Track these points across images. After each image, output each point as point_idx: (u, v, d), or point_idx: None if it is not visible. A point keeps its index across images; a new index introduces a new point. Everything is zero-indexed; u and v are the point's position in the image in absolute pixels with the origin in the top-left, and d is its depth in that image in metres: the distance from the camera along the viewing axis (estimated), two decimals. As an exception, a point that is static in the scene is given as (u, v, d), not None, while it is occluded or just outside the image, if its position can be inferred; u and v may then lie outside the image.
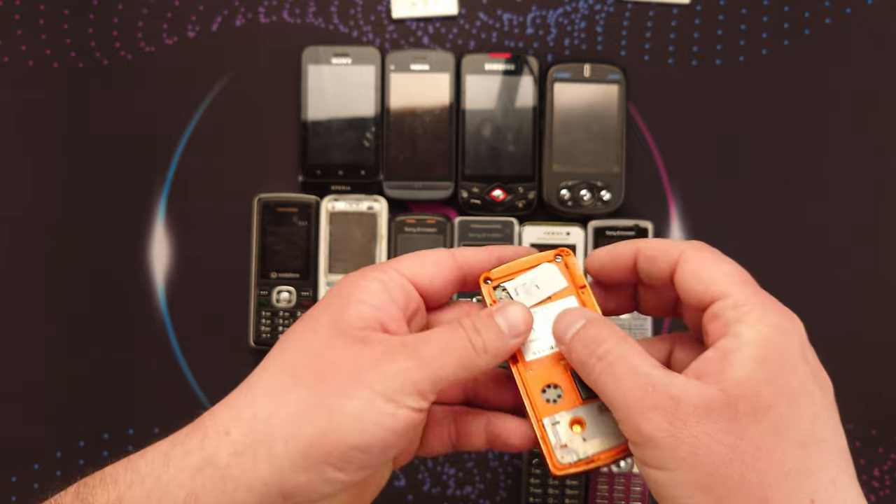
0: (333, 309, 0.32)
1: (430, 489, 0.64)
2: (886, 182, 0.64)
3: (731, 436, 0.27)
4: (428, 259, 0.34)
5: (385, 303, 0.32)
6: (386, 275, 0.33)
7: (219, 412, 0.30)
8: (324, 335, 0.31)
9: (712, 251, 0.32)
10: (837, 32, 0.64)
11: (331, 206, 0.63)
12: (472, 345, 0.32)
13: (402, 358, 0.30)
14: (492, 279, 0.35)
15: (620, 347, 0.30)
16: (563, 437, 0.33)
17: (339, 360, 0.30)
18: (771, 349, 0.28)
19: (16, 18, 0.64)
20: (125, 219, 0.64)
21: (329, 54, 0.63)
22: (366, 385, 0.29)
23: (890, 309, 0.64)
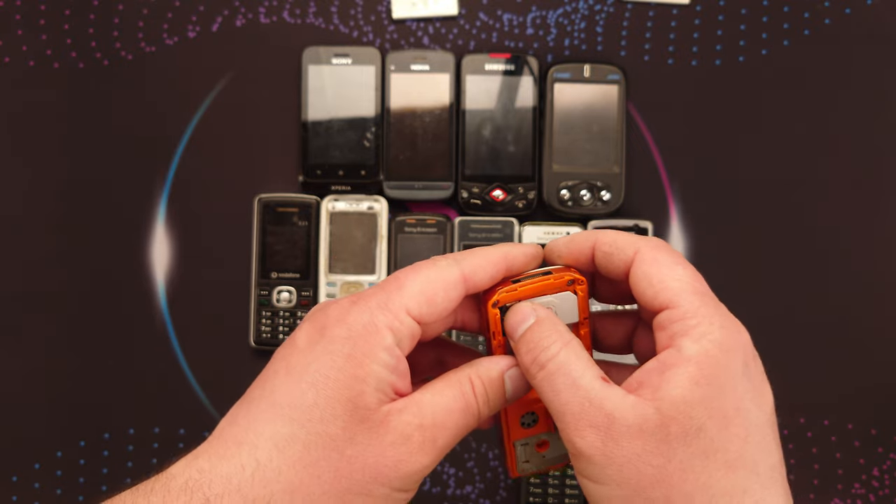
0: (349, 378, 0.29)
1: (430, 489, 0.64)
2: (886, 182, 0.64)
3: (660, 457, 0.27)
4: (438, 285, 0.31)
5: (397, 361, 0.30)
6: (396, 320, 0.30)
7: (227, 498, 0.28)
8: (343, 422, 0.29)
9: (669, 252, 0.31)
10: (837, 32, 0.64)
11: (331, 206, 0.63)
12: (480, 415, 0.31)
13: (422, 456, 0.30)
14: (500, 302, 0.33)
15: (563, 355, 0.29)
16: (528, 455, 0.35)
17: (360, 458, 0.29)
18: (709, 369, 0.28)
19: (16, 18, 0.64)
20: (125, 219, 0.64)
21: (329, 54, 0.63)
22: (386, 484, 0.29)
23: (890, 309, 0.64)
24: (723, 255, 0.64)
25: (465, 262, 0.32)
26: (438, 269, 0.31)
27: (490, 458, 0.64)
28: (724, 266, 0.64)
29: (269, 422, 0.29)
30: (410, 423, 0.29)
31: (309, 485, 0.28)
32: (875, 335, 0.64)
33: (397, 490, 0.29)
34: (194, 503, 0.27)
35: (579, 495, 0.62)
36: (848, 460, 0.63)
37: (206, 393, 0.64)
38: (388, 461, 0.29)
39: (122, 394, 0.64)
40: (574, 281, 0.33)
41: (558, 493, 0.61)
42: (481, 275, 0.32)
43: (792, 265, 0.64)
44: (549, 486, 0.61)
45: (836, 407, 0.63)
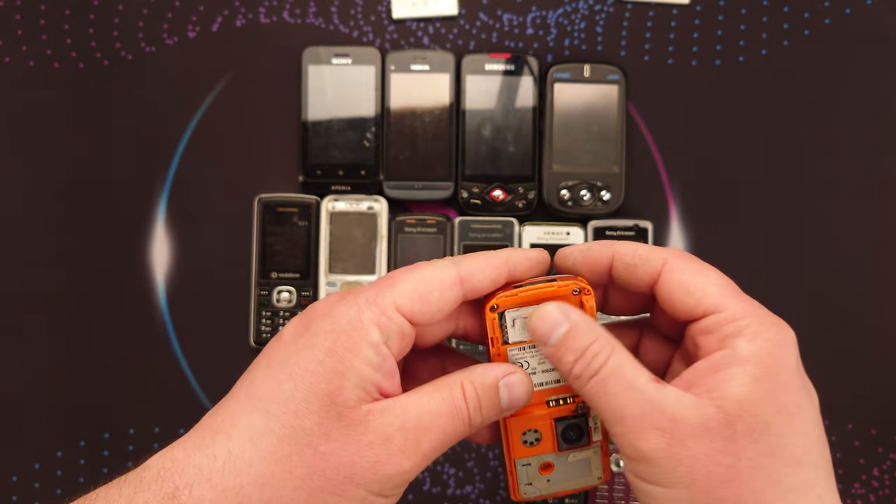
0: (329, 374, 0.28)
1: (431, 488, 0.64)
2: (887, 182, 0.64)
3: (728, 456, 0.27)
4: (432, 285, 0.30)
5: (383, 359, 0.29)
6: (384, 317, 0.29)
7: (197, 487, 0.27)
8: (319, 417, 0.28)
9: (697, 260, 0.31)
10: (837, 33, 0.64)
11: (331, 206, 0.63)
12: (471, 422, 0.30)
13: (402, 459, 0.29)
14: (498, 306, 0.32)
15: (614, 359, 0.29)
16: (530, 477, 0.34)
17: (335, 456, 0.28)
18: (769, 366, 0.28)
19: (16, 18, 0.64)
20: (125, 219, 0.64)
21: (329, 54, 0.63)
22: (362, 486, 0.28)
23: (890, 309, 0.64)
24: (723, 255, 0.64)
25: (464, 264, 0.31)
26: (434, 268, 0.31)
27: (490, 458, 0.64)
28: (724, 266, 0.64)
29: (246, 413, 0.28)
30: (392, 423, 0.29)
31: (279, 479, 0.28)
32: (875, 335, 0.64)
33: (374, 494, 0.28)
34: (164, 492, 0.27)
35: (579, 495, 0.62)
36: (848, 460, 0.63)
37: (206, 393, 0.64)
38: (365, 461, 0.28)
39: (122, 394, 0.64)
40: (581, 290, 0.32)
41: (558, 493, 0.61)
42: (479, 277, 0.31)
43: (792, 265, 0.64)
44: (549, 486, 0.61)
45: (837, 407, 0.63)
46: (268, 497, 0.27)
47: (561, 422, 0.33)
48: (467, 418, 0.30)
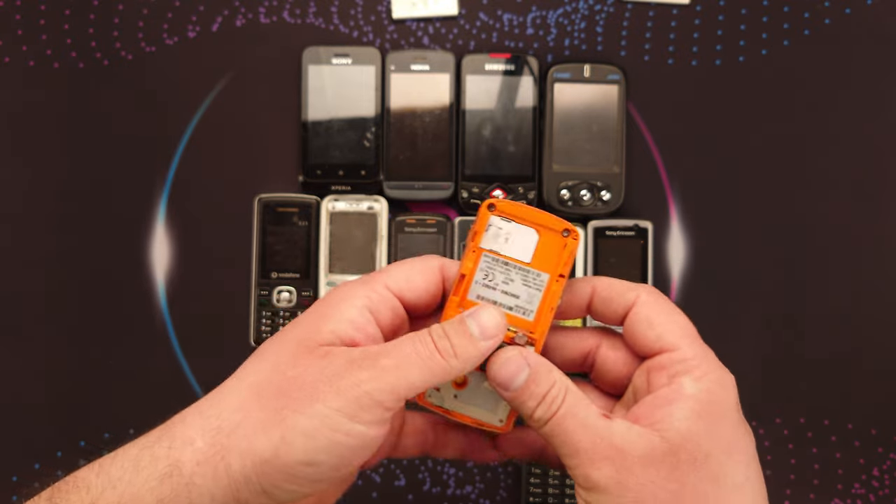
0: (309, 324, 0.32)
1: (431, 489, 0.64)
2: (886, 182, 0.64)
3: (673, 482, 0.29)
4: (417, 270, 0.34)
5: (366, 321, 0.32)
6: (374, 291, 0.33)
7: (190, 419, 0.31)
8: (291, 351, 0.32)
9: (666, 300, 0.34)
10: (837, 33, 0.64)
11: (331, 206, 0.63)
12: (440, 350, 0.31)
13: (359, 370, 0.30)
14: (496, 207, 0.34)
15: (569, 401, 0.31)
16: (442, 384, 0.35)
17: (299, 377, 0.30)
18: (710, 402, 0.31)
19: (16, 18, 0.64)
20: (125, 218, 0.64)
21: (329, 54, 0.63)
22: (321, 401, 0.30)
23: (890, 308, 0.64)
24: (723, 255, 0.64)
25: (442, 259, 0.35)
26: (419, 259, 0.35)
27: (490, 458, 0.64)
28: (723, 266, 0.64)
29: (244, 364, 0.33)
30: (356, 351, 0.31)
31: (251, 402, 0.31)
32: (875, 335, 0.64)
33: (337, 412, 0.29)
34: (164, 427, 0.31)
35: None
36: (848, 460, 0.63)
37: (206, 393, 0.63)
38: (324, 376, 0.30)
39: (122, 394, 0.64)
40: (570, 232, 0.34)
41: (558, 492, 0.61)
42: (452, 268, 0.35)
43: (792, 265, 0.64)
44: (550, 486, 0.61)
45: (836, 407, 0.63)
46: (240, 418, 0.30)
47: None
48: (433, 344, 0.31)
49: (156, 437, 0.31)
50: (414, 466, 0.64)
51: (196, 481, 0.29)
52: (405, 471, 0.64)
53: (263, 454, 0.29)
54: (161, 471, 0.29)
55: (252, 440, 0.30)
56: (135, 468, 0.30)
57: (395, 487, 0.64)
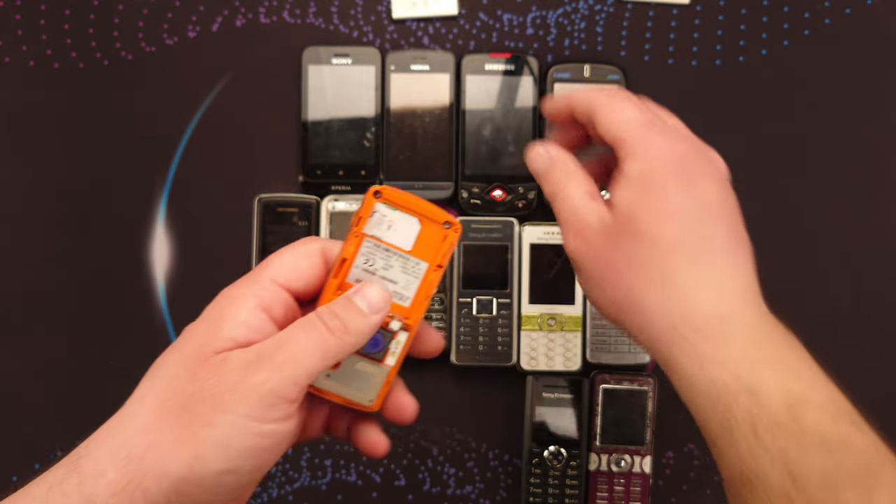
0: (202, 332, 0.33)
1: (431, 488, 0.64)
2: (886, 182, 0.64)
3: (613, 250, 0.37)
4: (300, 256, 0.35)
5: (260, 322, 0.33)
6: (262, 289, 0.33)
7: (95, 450, 0.31)
8: (189, 363, 0.32)
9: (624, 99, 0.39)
10: (837, 33, 0.64)
11: (331, 206, 0.63)
12: (332, 330, 0.32)
13: (257, 371, 0.30)
14: (381, 194, 0.36)
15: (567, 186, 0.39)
16: None
17: (201, 390, 0.31)
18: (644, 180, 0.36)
19: (16, 18, 0.64)
20: (125, 219, 0.64)
21: (329, 54, 0.63)
22: (228, 409, 0.30)
23: (890, 308, 0.64)
24: (723, 255, 0.64)
25: (323, 240, 0.36)
26: (299, 244, 0.36)
27: (490, 457, 0.64)
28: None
29: (141, 385, 0.34)
30: (250, 351, 0.31)
31: (158, 423, 0.31)
32: (875, 335, 0.64)
33: (245, 417, 0.30)
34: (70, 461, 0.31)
35: (579, 495, 0.62)
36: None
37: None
38: (225, 386, 0.30)
39: (122, 394, 0.64)
40: (451, 225, 0.36)
41: (558, 492, 0.61)
42: (336, 250, 0.36)
43: (791, 265, 0.64)
44: (549, 486, 0.62)
45: (836, 407, 0.63)
46: (149, 441, 0.30)
47: None
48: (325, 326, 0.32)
49: (63, 473, 0.31)
50: (414, 466, 0.64)
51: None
52: (405, 471, 0.64)
53: (179, 473, 0.29)
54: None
55: (165, 462, 0.30)
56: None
57: (395, 487, 0.64)
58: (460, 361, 0.62)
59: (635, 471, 0.61)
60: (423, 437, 0.64)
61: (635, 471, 0.61)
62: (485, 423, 0.64)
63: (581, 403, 0.62)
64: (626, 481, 0.61)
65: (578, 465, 0.61)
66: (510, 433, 0.64)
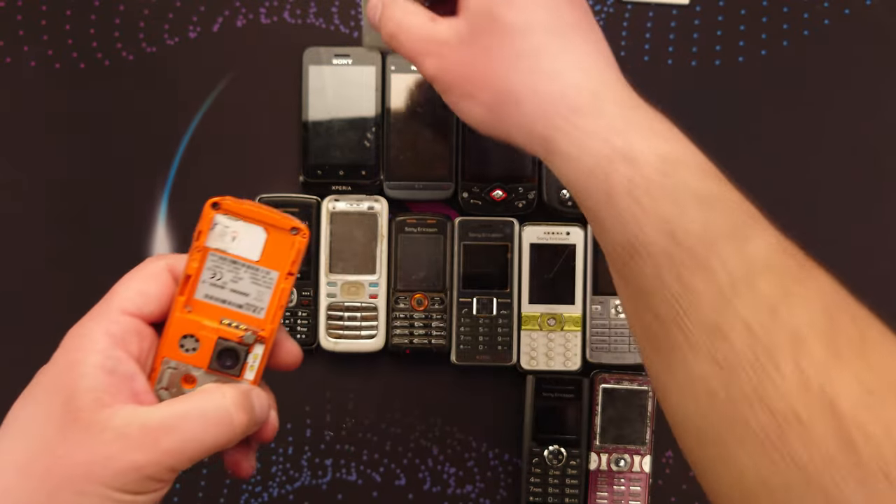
0: (64, 384, 0.31)
1: (431, 488, 0.64)
2: (886, 182, 0.64)
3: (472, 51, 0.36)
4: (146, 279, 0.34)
5: (116, 362, 0.31)
6: (113, 323, 0.32)
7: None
8: (56, 424, 0.30)
9: None
10: (837, 33, 0.64)
11: (331, 206, 0.63)
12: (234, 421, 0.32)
13: (136, 454, 0.29)
14: (220, 205, 0.35)
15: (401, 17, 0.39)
16: (170, 382, 0.34)
17: (71, 455, 0.29)
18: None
19: (18, 19, 0.64)
20: (125, 219, 0.64)
21: (330, 55, 0.63)
22: (99, 482, 0.29)
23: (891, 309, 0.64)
24: (723, 254, 0.64)
25: (168, 257, 0.36)
26: (143, 267, 0.35)
27: (490, 457, 0.64)
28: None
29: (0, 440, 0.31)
30: (132, 423, 0.30)
31: (18, 485, 0.29)
32: (875, 335, 0.64)
33: (117, 490, 0.29)
34: None
35: (579, 495, 0.62)
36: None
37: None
38: (98, 457, 0.29)
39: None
40: (298, 231, 0.35)
41: (558, 492, 0.61)
42: (181, 265, 0.35)
43: (792, 265, 0.64)
44: (549, 486, 0.61)
45: (837, 407, 0.63)
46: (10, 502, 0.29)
47: (223, 343, 0.34)
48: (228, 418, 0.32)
49: None
50: (414, 466, 0.64)
51: None
52: (405, 471, 0.64)
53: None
54: None
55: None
56: None
57: (395, 487, 0.64)
58: (460, 361, 0.62)
59: (635, 470, 0.61)
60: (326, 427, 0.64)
61: (635, 470, 0.61)
62: (485, 423, 0.64)
63: (581, 403, 0.62)
64: (625, 481, 0.61)
65: (578, 464, 0.61)
66: (510, 433, 0.64)
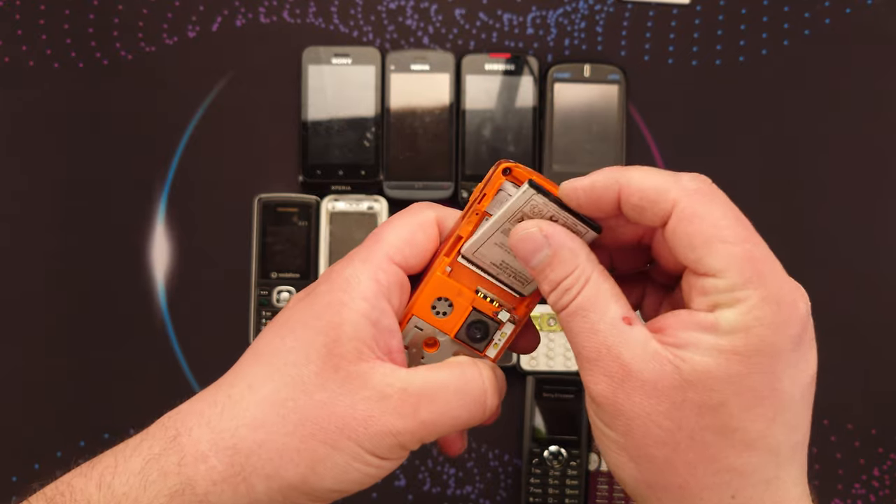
0: (328, 325, 0.29)
1: (431, 489, 0.64)
2: (887, 182, 0.64)
3: (669, 421, 0.26)
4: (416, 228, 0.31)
5: (382, 314, 0.30)
6: (381, 271, 0.30)
7: (195, 430, 0.29)
8: (316, 367, 0.29)
9: (713, 202, 0.28)
10: (837, 32, 0.64)
11: (331, 206, 0.63)
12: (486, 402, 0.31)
13: (396, 419, 0.29)
14: (512, 171, 0.30)
15: (582, 296, 0.27)
16: (410, 340, 0.32)
17: (329, 405, 0.29)
18: (748, 348, 0.25)
19: (16, 18, 0.64)
20: (125, 219, 0.64)
21: (329, 54, 0.63)
22: (353, 439, 0.29)
23: (890, 309, 0.64)
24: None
25: (438, 208, 0.33)
26: (412, 213, 0.32)
27: (490, 458, 0.64)
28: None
29: (249, 366, 0.30)
30: (392, 385, 0.29)
31: (273, 423, 0.28)
32: (875, 336, 0.64)
33: (367, 452, 0.29)
34: (167, 436, 0.29)
35: (579, 495, 0.62)
36: (848, 460, 0.63)
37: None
38: (358, 414, 0.29)
39: (122, 394, 0.64)
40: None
41: (558, 493, 0.61)
42: (451, 221, 0.32)
43: (791, 265, 0.64)
44: (549, 486, 0.61)
45: (837, 407, 0.63)
46: (261, 439, 0.28)
47: (477, 314, 0.32)
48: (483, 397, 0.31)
49: (160, 448, 0.29)
50: (414, 466, 0.64)
51: (210, 500, 0.28)
52: (405, 471, 0.64)
53: (291, 481, 0.28)
54: (171, 488, 0.28)
55: (278, 466, 0.28)
56: (142, 484, 0.29)
57: (394, 487, 0.64)
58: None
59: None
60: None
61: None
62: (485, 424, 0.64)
63: (581, 403, 0.62)
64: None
65: (578, 465, 0.61)
66: (510, 433, 0.64)
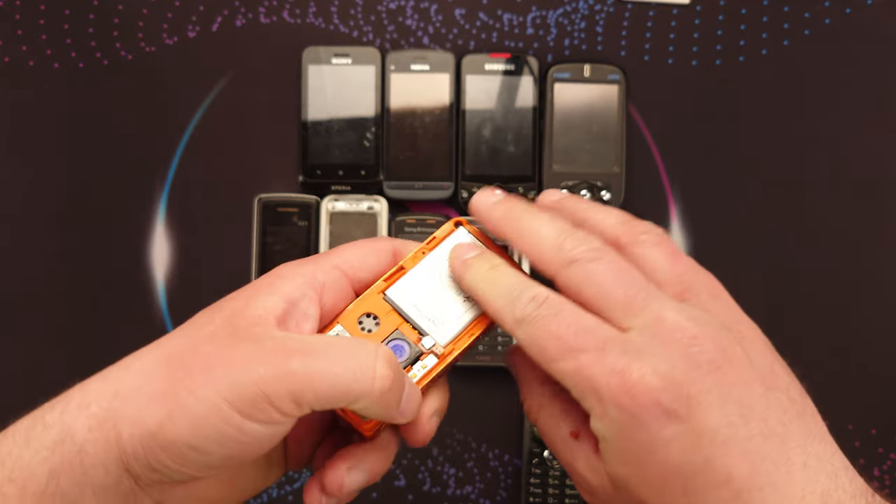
0: (242, 298, 0.30)
1: (431, 489, 0.64)
2: (887, 182, 0.64)
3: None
4: (372, 251, 0.33)
5: (304, 298, 0.29)
6: (320, 271, 0.31)
7: (91, 383, 0.29)
8: (216, 326, 0.29)
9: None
10: (837, 32, 0.64)
11: (331, 206, 0.63)
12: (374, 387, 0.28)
13: (261, 364, 0.27)
14: (463, 225, 0.34)
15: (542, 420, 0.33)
16: None
17: (207, 355, 0.27)
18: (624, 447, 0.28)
19: (16, 18, 0.64)
20: (125, 219, 0.64)
21: (329, 54, 0.63)
22: (213, 386, 0.26)
23: (890, 308, 0.64)
24: (723, 255, 0.64)
25: (397, 241, 0.34)
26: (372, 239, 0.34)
27: (490, 458, 0.64)
28: (723, 266, 0.64)
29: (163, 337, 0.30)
30: (275, 337, 0.28)
31: (153, 371, 0.28)
32: (875, 335, 0.64)
33: (226, 402, 0.26)
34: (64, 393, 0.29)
35: (579, 495, 0.62)
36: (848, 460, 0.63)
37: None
38: (227, 360, 0.27)
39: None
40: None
41: (558, 493, 0.61)
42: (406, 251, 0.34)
43: (792, 265, 0.64)
44: (549, 486, 0.61)
45: (836, 407, 0.63)
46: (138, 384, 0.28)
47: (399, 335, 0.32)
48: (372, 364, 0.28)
49: (51, 404, 0.28)
50: (414, 466, 0.64)
51: (88, 449, 0.26)
52: (405, 471, 0.64)
53: (149, 427, 0.26)
54: (52, 438, 0.27)
55: (143, 409, 0.27)
56: (25, 440, 0.27)
57: (394, 487, 0.64)
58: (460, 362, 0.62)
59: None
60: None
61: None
62: (485, 423, 0.64)
63: (581, 403, 0.61)
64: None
65: (578, 465, 0.61)
66: (510, 433, 0.64)
